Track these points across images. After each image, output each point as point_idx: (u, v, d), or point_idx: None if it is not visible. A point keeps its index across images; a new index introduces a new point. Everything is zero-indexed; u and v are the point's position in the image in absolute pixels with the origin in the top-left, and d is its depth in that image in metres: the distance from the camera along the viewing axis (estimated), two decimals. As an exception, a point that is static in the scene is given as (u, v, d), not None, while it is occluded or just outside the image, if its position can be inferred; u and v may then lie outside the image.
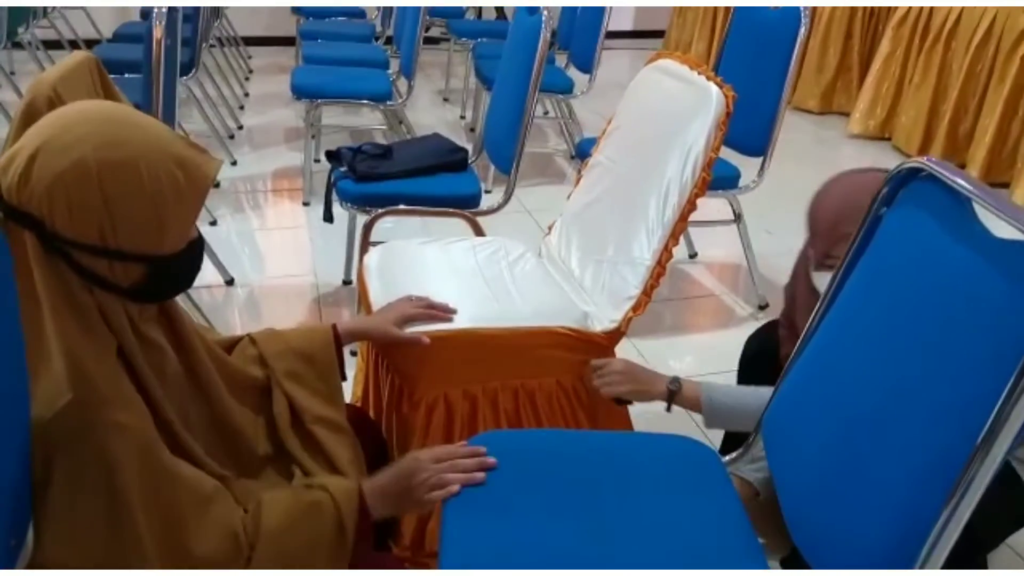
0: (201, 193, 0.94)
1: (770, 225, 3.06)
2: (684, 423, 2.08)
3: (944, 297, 0.91)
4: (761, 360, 1.61)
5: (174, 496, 0.94)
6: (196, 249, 1.00)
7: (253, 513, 1.02)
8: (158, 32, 1.96)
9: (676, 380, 1.47)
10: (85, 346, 0.90)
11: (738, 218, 2.59)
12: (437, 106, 4.88)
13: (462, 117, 4.66)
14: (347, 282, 2.72)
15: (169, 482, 0.94)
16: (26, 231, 0.86)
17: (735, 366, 2.40)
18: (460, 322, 1.50)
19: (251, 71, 5.33)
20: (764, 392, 1.30)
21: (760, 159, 2.45)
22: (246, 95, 4.79)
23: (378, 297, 1.60)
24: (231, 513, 1.01)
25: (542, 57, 2.09)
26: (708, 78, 1.59)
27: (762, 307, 2.69)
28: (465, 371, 1.51)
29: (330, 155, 2.34)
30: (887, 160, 4.27)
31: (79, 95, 1.36)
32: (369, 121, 4.44)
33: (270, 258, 2.96)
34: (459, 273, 1.68)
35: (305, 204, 3.35)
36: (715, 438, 1.87)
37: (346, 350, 2.28)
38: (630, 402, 1.58)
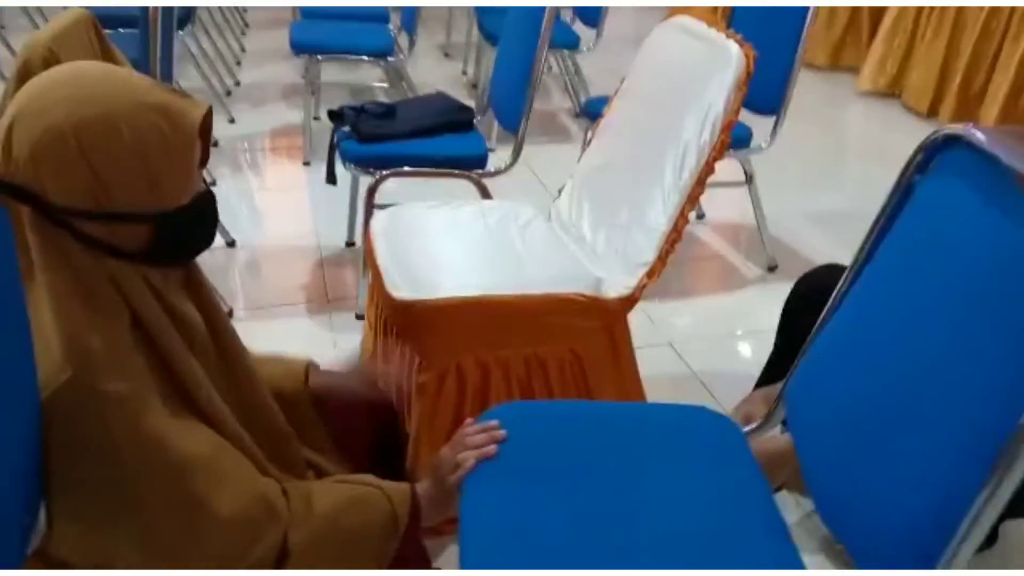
0: (189, 140, 0.89)
1: (778, 185, 3.02)
2: (700, 394, 2.07)
3: (985, 270, 0.88)
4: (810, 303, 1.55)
5: (184, 462, 0.91)
6: (205, 202, 0.96)
7: (302, 492, 1.01)
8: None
9: None
10: (85, 320, 0.87)
11: (749, 179, 2.54)
12: (438, 61, 4.78)
13: (464, 73, 4.57)
14: (350, 244, 2.69)
15: (177, 449, 0.91)
16: (24, 205, 0.83)
17: (744, 328, 2.39)
18: (472, 289, 1.47)
19: (247, 25, 5.20)
20: None
21: (772, 118, 2.40)
22: (243, 50, 4.69)
23: (385, 261, 1.56)
24: (255, 478, 0.99)
25: (552, 11, 2.02)
26: (728, 36, 1.53)
27: (771, 268, 2.66)
28: (477, 339, 1.48)
29: (332, 114, 2.28)
30: (896, 118, 4.20)
31: (76, 54, 1.31)
32: (368, 77, 4.36)
33: (271, 219, 2.91)
34: (469, 238, 1.64)
35: (306, 164, 3.29)
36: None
37: (351, 314, 2.28)
38: None
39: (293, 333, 2.22)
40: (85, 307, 0.87)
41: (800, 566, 0.98)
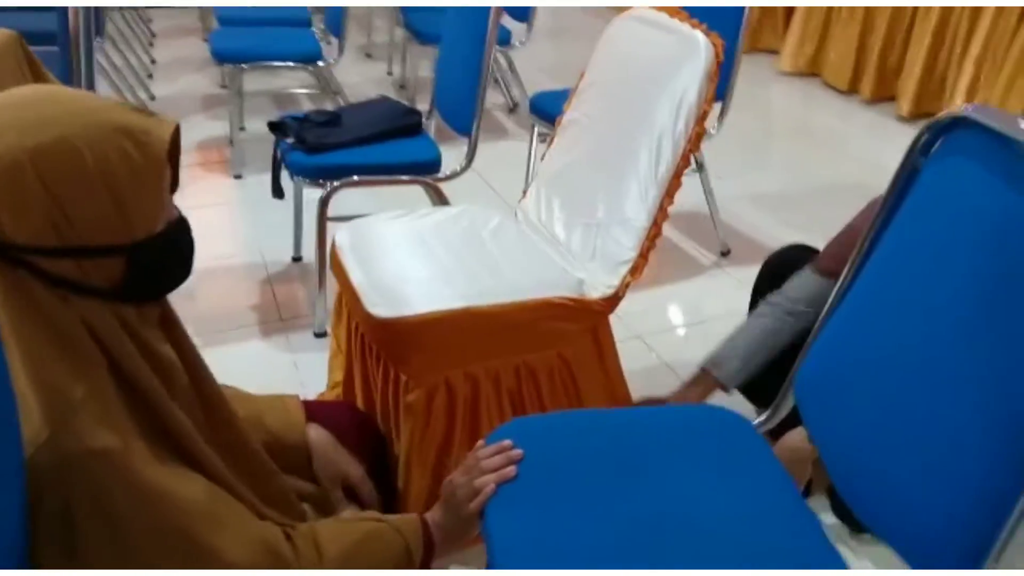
0: (159, 163, 0.81)
1: (718, 171, 3.05)
2: (674, 384, 2.05)
3: (1004, 249, 0.88)
4: (779, 281, 1.55)
5: (185, 513, 0.84)
6: (179, 230, 0.87)
7: (305, 536, 0.93)
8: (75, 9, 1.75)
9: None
10: (61, 370, 0.78)
11: (700, 167, 2.55)
12: (360, 63, 4.66)
13: (389, 73, 4.47)
14: (297, 259, 2.58)
15: (175, 500, 0.84)
16: None
17: (707, 314, 2.40)
18: (454, 301, 1.41)
19: (154, 35, 4.96)
20: (752, 326, 1.48)
21: (718, 105, 2.41)
22: (153, 62, 4.46)
23: (360, 279, 1.48)
24: (254, 524, 0.92)
25: (498, 10, 1.98)
26: (693, 26, 1.51)
27: (724, 253, 2.68)
28: (464, 352, 1.43)
29: (273, 126, 2.17)
30: (818, 96, 4.32)
31: (4, 76, 1.19)
32: (289, 83, 4.21)
33: (208, 238, 2.76)
34: (441, 248, 1.58)
35: (236, 177, 3.15)
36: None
37: (308, 332, 2.19)
38: None
39: (250, 356, 2.11)
40: (60, 356, 0.78)
41: (843, 565, 0.96)
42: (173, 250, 0.87)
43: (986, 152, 0.92)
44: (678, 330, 2.32)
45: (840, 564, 0.96)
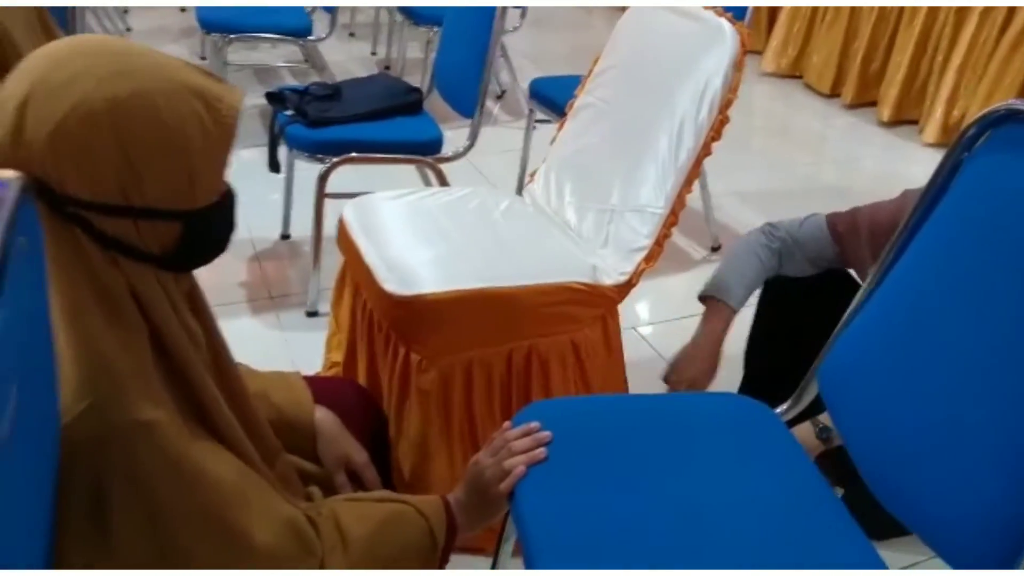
0: (230, 130, 0.77)
1: (706, 166, 3.07)
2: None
3: (1052, 245, 0.89)
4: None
5: (219, 493, 0.82)
6: (230, 201, 0.84)
7: (328, 518, 0.91)
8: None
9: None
10: (108, 338, 0.75)
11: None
12: (343, 42, 4.58)
13: (373, 53, 4.40)
14: (285, 236, 2.52)
15: (211, 479, 0.81)
16: (36, 199, 0.69)
17: (692, 310, 2.40)
18: (471, 281, 1.38)
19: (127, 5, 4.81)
20: (750, 254, 1.47)
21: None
22: (128, 30, 4.33)
23: (374, 256, 1.45)
24: (282, 506, 0.90)
25: (509, -9, 1.95)
26: (718, 14, 1.51)
27: (715, 249, 2.70)
28: (478, 333, 1.40)
29: (272, 97, 2.11)
30: (800, 98, 4.37)
31: (21, 29, 1.14)
32: (269, 57, 4.12)
33: (192, 212, 2.69)
34: (455, 228, 1.55)
35: (222, 152, 3.06)
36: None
37: (300, 311, 2.14)
38: None
39: (240, 334, 2.02)
40: (107, 321, 0.75)
41: (876, 556, 0.97)
42: (224, 221, 0.84)
43: (1035, 148, 0.93)
44: (671, 324, 2.32)
45: (869, 548, 0.97)
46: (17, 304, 0.57)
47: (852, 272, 1.50)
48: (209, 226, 0.81)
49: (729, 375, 1.76)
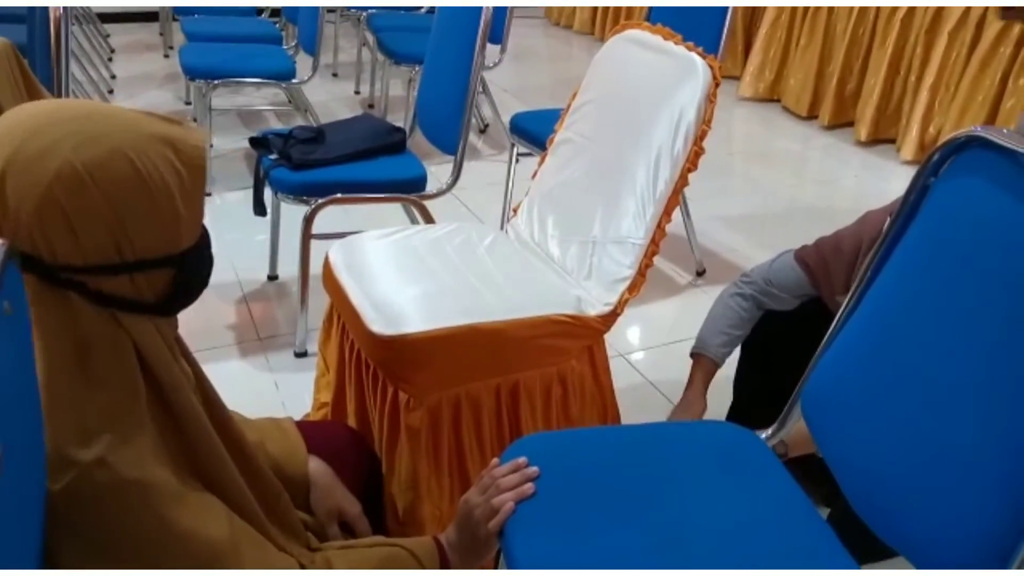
0: (200, 170, 0.79)
1: (686, 193, 3.10)
2: (660, 402, 2.08)
3: (1016, 263, 0.91)
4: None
5: (211, 554, 0.82)
6: (207, 236, 0.86)
7: (321, 565, 0.91)
8: (56, 12, 1.71)
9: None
10: (98, 396, 0.75)
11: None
12: (327, 82, 4.63)
13: (356, 92, 4.45)
14: (273, 277, 2.53)
15: (203, 539, 0.81)
16: (27, 273, 0.71)
17: (686, 333, 2.42)
18: (457, 318, 1.40)
19: (113, 51, 4.86)
20: (730, 306, 1.61)
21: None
22: (113, 77, 4.37)
23: (359, 297, 1.46)
24: (275, 561, 0.90)
25: (485, 32, 1.99)
26: (688, 48, 1.54)
27: (700, 273, 2.72)
28: (466, 369, 1.41)
29: (255, 142, 2.14)
30: (778, 121, 4.43)
31: (2, 86, 1.16)
32: (254, 101, 4.16)
33: (179, 257, 2.70)
34: (440, 265, 1.57)
35: (207, 195, 3.08)
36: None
37: (288, 352, 2.15)
38: None
39: (229, 376, 2.06)
40: (101, 386, 0.75)
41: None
42: (207, 257, 0.86)
43: (997, 170, 0.95)
44: (659, 350, 2.34)
45: (854, 567, 0.98)
46: (1, 368, 0.58)
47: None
48: (196, 264, 0.83)
49: (722, 400, 1.79)
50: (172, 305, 0.81)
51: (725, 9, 2.37)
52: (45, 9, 1.71)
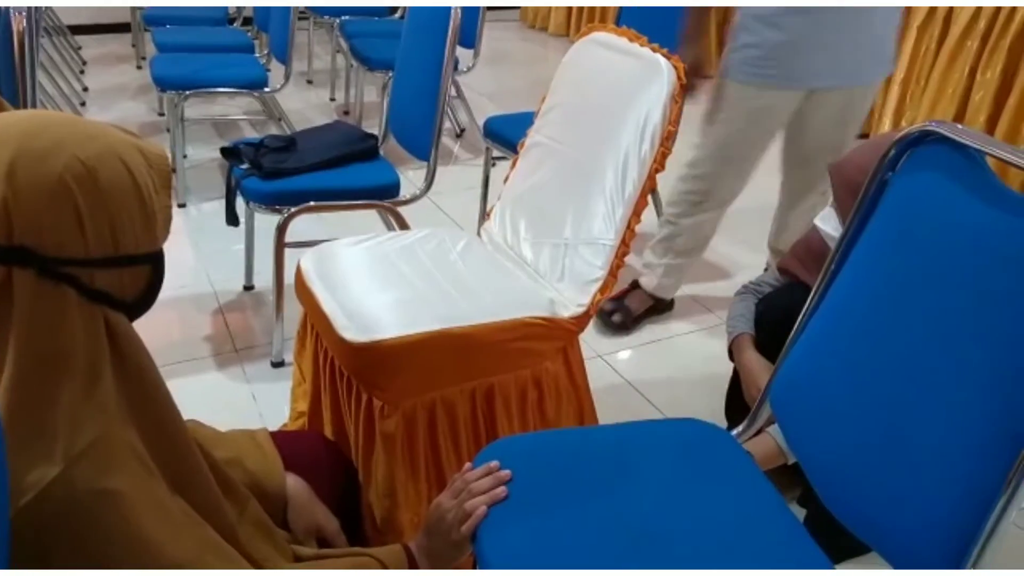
0: (168, 175, 0.83)
1: (663, 193, 3.12)
2: (639, 402, 2.09)
3: (974, 258, 0.92)
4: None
5: (178, 564, 0.82)
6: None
7: None
8: (19, 23, 1.69)
9: None
10: (72, 414, 0.75)
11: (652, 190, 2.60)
12: (302, 89, 4.61)
13: (332, 99, 4.44)
14: (248, 287, 2.52)
15: (170, 550, 0.81)
16: (15, 269, 0.71)
17: (664, 333, 2.44)
18: (429, 323, 1.40)
19: (84, 63, 4.82)
20: (741, 305, 1.69)
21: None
22: (85, 89, 4.33)
23: (330, 305, 1.46)
24: (244, 572, 0.90)
25: (455, 35, 1.99)
26: (654, 50, 1.55)
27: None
28: (439, 375, 1.42)
29: (226, 152, 2.13)
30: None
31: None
32: (227, 110, 4.14)
33: (154, 269, 2.68)
34: (412, 271, 1.57)
35: (180, 206, 3.07)
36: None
37: (265, 362, 2.14)
38: None
39: (206, 387, 2.05)
40: (77, 392, 0.75)
41: (829, 567, 0.98)
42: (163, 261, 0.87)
43: (951, 165, 0.97)
44: (636, 350, 2.35)
45: (827, 566, 0.99)
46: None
47: None
48: (163, 266, 0.84)
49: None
50: (143, 305, 0.83)
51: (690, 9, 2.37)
52: (6, 19, 1.69)
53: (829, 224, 1.51)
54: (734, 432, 1.25)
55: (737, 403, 1.76)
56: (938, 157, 0.99)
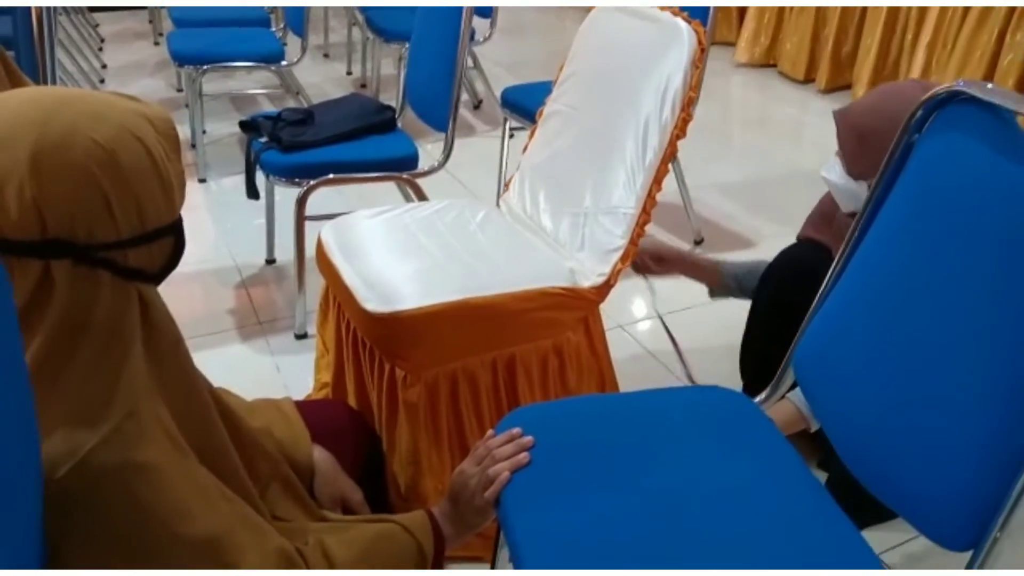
0: (176, 140, 0.83)
1: (683, 161, 3.09)
2: (660, 372, 2.09)
3: (1005, 219, 0.91)
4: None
5: (211, 532, 0.83)
6: None
7: (314, 547, 0.93)
8: (37, 1, 1.70)
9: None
10: (106, 390, 0.76)
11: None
12: (318, 63, 4.60)
13: (348, 73, 4.42)
14: (271, 261, 2.54)
15: (204, 518, 0.82)
16: (52, 262, 0.72)
17: (686, 303, 2.42)
18: (450, 294, 1.40)
19: (103, 40, 4.83)
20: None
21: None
22: (103, 67, 4.35)
23: (352, 276, 1.47)
24: (272, 538, 0.91)
25: (471, 8, 1.97)
26: (674, 13, 1.53)
27: (697, 242, 2.72)
28: (461, 345, 1.42)
29: (245, 125, 2.14)
30: (775, 86, 4.40)
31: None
32: (245, 84, 4.14)
33: (177, 244, 2.70)
34: (433, 242, 1.57)
35: (201, 181, 3.08)
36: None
37: (289, 335, 2.16)
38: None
39: (231, 361, 2.07)
40: (109, 369, 0.76)
41: (862, 542, 0.98)
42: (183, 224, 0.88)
43: (979, 124, 0.95)
44: (657, 319, 2.34)
45: (852, 530, 0.99)
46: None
47: None
48: (183, 233, 0.85)
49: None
50: (166, 272, 0.83)
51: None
52: (27, -1, 1.70)
53: (833, 173, 1.50)
54: (756, 399, 1.25)
55: (750, 364, 1.75)
56: (967, 118, 0.97)
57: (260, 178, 2.15)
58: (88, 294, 0.74)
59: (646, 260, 1.76)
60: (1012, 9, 3.35)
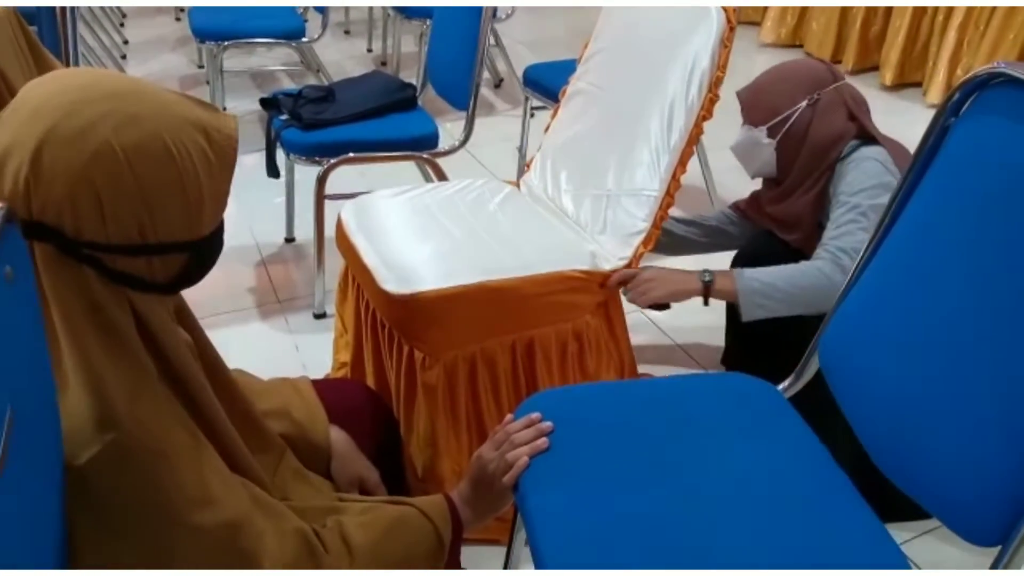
0: (231, 161, 0.79)
1: (707, 143, 3.04)
2: (681, 358, 2.06)
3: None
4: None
5: (232, 518, 0.83)
6: (223, 225, 0.85)
7: (332, 530, 0.92)
8: (58, -28, 1.70)
9: (708, 272, 1.49)
10: (119, 372, 0.75)
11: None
12: (339, 40, 4.58)
13: (369, 50, 4.40)
14: (290, 240, 2.54)
15: (224, 504, 0.82)
16: (45, 243, 0.71)
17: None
18: (470, 276, 1.39)
19: (124, 15, 4.83)
20: (789, 270, 1.45)
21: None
22: (125, 42, 4.35)
23: (372, 257, 1.46)
24: (291, 521, 0.91)
25: (495, -19, 1.94)
26: (702, -9, 1.49)
27: (720, 225, 2.68)
28: (480, 327, 1.41)
29: (265, 103, 2.12)
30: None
31: (6, 52, 1.15)
32: (265, 61, 4.13)
33: (197, 221, 2.71)
34: (452, 223, 1.56)
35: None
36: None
37: (308, 314, 2.16)
38: (667, 306, 1.59)
39: (250, 339, 2.08)
40: (117, 356, 0.75)
41: (886, 534, 0.96)
42: (219, 243, 0.85)
43: (1020, 107, 0.92)
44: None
45: (876, 522, 0.97)
46: (2, 332, 0.58)
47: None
48: (210, 252, 0.82)
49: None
50: (177, 287, 0.81)
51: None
52: (48, -27, 1.70)
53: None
54: (780, 387, 1.23)
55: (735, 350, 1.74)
56: (1006, 100, 0.93)
57: (280, 156, 2.14)
58: (73, 284, 0.73)
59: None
60: (1049, -11, 3.26)
